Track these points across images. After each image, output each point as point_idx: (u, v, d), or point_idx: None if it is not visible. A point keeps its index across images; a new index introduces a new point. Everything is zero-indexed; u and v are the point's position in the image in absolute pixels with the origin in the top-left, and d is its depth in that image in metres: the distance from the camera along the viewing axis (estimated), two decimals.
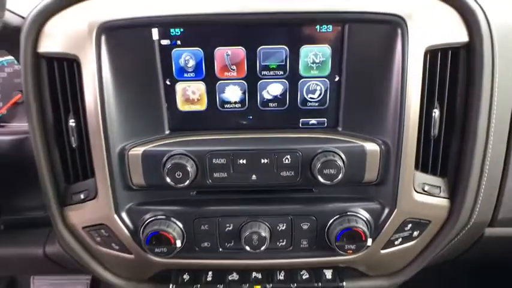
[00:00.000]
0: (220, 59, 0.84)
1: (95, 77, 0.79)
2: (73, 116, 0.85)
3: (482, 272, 1.50)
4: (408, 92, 0.79)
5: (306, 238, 0.88)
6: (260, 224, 0.86)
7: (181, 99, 0.87)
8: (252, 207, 0.87)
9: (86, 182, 0.89)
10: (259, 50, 0.83)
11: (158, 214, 0.87)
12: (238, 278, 0.96)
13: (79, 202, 0.90)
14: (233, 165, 0.84)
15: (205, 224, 0.87)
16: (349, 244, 0.85)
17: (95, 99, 0.80)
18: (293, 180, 0.84)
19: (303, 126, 0.88)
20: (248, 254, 0.87)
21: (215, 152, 0.83)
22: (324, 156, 0.81)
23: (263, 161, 0.84)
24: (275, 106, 0.87)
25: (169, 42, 0.83)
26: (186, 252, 0.88)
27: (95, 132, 0.82)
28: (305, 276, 0.96)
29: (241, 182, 0.85)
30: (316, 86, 0.86)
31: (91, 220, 0.90)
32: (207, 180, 0.84)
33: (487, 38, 0.80)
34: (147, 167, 0.84)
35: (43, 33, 0.83)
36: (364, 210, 0.86)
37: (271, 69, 0.84)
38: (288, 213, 0.87)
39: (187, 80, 0.85)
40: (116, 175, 0.84)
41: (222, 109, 0.87)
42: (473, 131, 0.84)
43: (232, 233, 0.87)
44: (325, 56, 0.83)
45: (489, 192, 0.89)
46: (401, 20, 0.77)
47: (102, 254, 0.95)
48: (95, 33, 0.78)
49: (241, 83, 0.85)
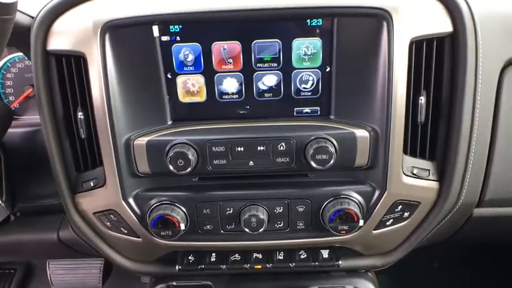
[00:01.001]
0: (217, 53, 0.89)
1: (100, 73, 0.85)
2: (81, 109, 0.90)
3: (473, 253, 1.55)
4: (394, 81, 0.83)
5: (302, 220, 0.94)
6: (258, 207, 0.92)
7: (182, 91, 0.92)
8: (250, 191, 0.93)
9: (95, 171, 0.95)
10: (253, 43, 0.88)
11: (163, 199, 0.93)
12: (240, 258, 1.02)
13: (89, 189, 0.96)
14: (231, 153, 0.89)
15: (207, 208, 0.93)
16: (342, 225, 0.90)
17: (101, 93, 0.86)
18: (288, 166, 0.90)
19: (297, 114, 0.93)
20: (248, 235, 0.93)
21: (214, 140, 0.89)
22: (317, 143, 0.86)
23: (259, 148, 0.89)
24: (270, 96, 0.92)
25: (169, 38, 0.88)
26: (190, 234, 0.95)
27: (101, 124, 0.88)
28: (303, 256, 1.02)
29: (239, 168, 0.90)
30: (308, 77, 0.90)
31: (101, 206, 0.96)
32: (207, 167, 0.90)
33: (471, 27, 0.84)
34: (152, 155, 0.90)
35: (51, 31, 0.89)
36: (356, 193, 0.92)
37: (266, 61, 0.89)
38: (284, 197, 0.92)
39: (187, 73, 0.90)
40: (122, 164, 0.90)
41: (221, 100, 0.92)
42: (458, 117, 0.88)
43: (232, 216, 0.93)
44: (316, 48, 0.88)
45: (476, 174, 0.94)
46: (387, 13, 0.81)
47: (112, 238, 1.02)
48: (100, 31, 0.83)
49: (237, 75, 0.90)
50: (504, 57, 0.92)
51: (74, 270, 1.60)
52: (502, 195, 0.97)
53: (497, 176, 0.95)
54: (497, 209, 1.00)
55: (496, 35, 0.90)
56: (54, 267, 1.64)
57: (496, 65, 0.91)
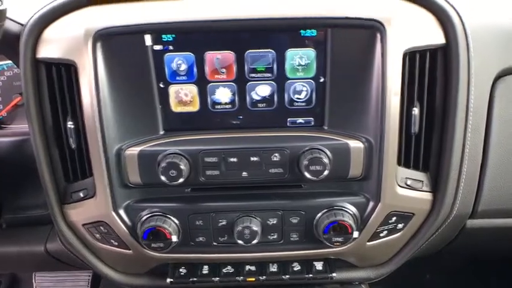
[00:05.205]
0: (210, 63, 0.88)
1: (92, 82, 0.83)
2: (71, 118, 0.89)
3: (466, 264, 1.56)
4: (388, 92, 0.83)
5: (295, 232, 0.92)
6: (252, 218, 0.90)
7: (174, 101, 0.91)
8: (243, 203, 0.92)
9: (85, 181, 0.93)
10: (247, 53, 0.87)
11: (154, 211, 0.91)
12: (233, 270, 1.00)
13: (78, 200, 0.94)
14: (225, 163, 0.88)
15: (199, 220, 0.91)
16: (336, 237, 0.89)
17: (91, 103, 0.84)
18: (281, 177, 0.89)
19: (291, 125, 0.93)
20: (241, 247, 0.91)
21: (207, 150, 0.87)
22: (310, 154, 0.86)
23: (253, 159, 0.88)
24: (264, 106, 0.91)
25: (161, 48, 0.87)
26: (182, 246, 0.93)
27: (92, 133, 0.86)
28: (296, 268, 1.00)
29: (232, 179, 0.89)
30: (302, 87, 0.90)
31: (90, 217, 0.94)
32: (200, 178, 0.88)
33: (462, 39, 0.84)
34: (143, 166, 0.88)
35: (41, 39, 0.87)
36: (350, 204, 0.91)
37: (259, 71, 0.88)
38: (278, 208, 0.91)
39: (180, 82, 0.89)
40: (113, 174, 0.88)
41: (214, 110, 0.91)
42: (451, 128, 0.88)
43: (225, 227, 0.92)
44: (309, 58, 0.87)
45: (469, 185, 0.94)
46: (380, 25, 0.81)
47: (101, 250, 1.00)
48: (91, 39, 0.82)
49: (230, 85, 0.90)
50: (496, 69, 0.92)
51: (61, 283, 1.57)
52: (494, 206, 0.97)
53: (490, 187, 0.95)
54: (491, 220, 1.00)
55: (488, 46, 0.91)
56: (40, 279, 1.61)
57: (488, 77, 0.92)
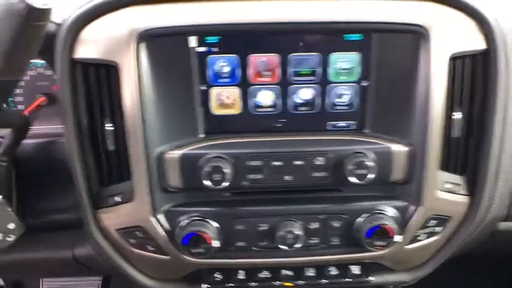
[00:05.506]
0: (253, 65, 0.87)
1: (135, 83, 0.82)
2: (110, 120, 0.87)
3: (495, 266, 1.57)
4: (433, 96, 0.83)
5: (336, 236, 0.92)
6: (294, 223, 0.89)
7: (215, 103, 0.90)
8: (285, 206, 0.91)
9: (121, 185, 0.91)
10: (290, 56, 0.87)
11: (195, 215, 0.89)
12: (271, 275, 0.99)
13: (113, 205, 0.92)
14: (268, 167, 0.87)
15: (240, 224, 0.90)
16: (378, 241, 0.89)
17: (134, 104, 0.83)
18: (325, 181, 0.88)
19: (332, 128, 0.92)
20: (281, 252, 0.90)
21: (251, 154, 0.87)
22: (355, 158, 0.85)
23: (296, 163, 0.87)
24: (306, 110, 0.91)
25: (205, 50, 0.86)
26: (221, 251, 0.91)
27: (133, 136, 0.84)
28: (333, 272, 1.00)
29: (275, 183, 0.88)
30: (345, 91, 0.90)
31: (126, 222, 0.92)
32: (243, 182, 0.87)
33: (501, 44, 0.85)
34: (185, 169, 0.86)
35: (79, 39, 0.85)
36: (391, 208, 0.91)
37: (302, 74, 0.88)
38: (320, 212, 0.91)
39: (222, 85, 0.88)
40: (153, 178, 0.87)
41: (255, 113, 0.91)
42: (489, 133, 0.89)
43: (266, 232, 0.91)
44: (353, 62, 0.88)
45: (505, 189, 0.95)
46: (424, 30, 0.82)
47: (135, 256, 0.97)
48: (135, 40, 0.81)
49: (273, 87, 0.89)
50: None
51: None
52: None
53: None
54: None
55: None
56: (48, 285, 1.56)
57: None
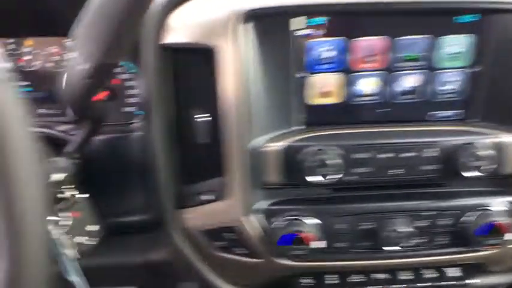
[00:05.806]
0: (357, 50, 0.80)
1: (236, 68, 0.75)
2: (202, 111, 0.79)
3: None
4: None
5: (446, 234, 0.84)
6: (401, 221, 0.82)
7: (314, 92, 0.83)
8: (390, 203, 0.83)
9: (209, 182, 0.83)
10: (397, 40, 0.80)
11: (293, 214, 0.81)
12: (367, 279, 0.91)
13: (199, 204, 0.84)
14: (375, 160, 0.80)
15: (342, 223, 0.83)
16: (492, 239, 0.82)
17: (234, 93, 0.75)
18: (434, 174, 0.81)
19: (439, 118, 0.86)
20: (386, 253, 0.83)
21: (357, 146, 0.79)
22: (468, 149, 0.79)
23: (404, 155, 0.80)
24: (411, 98, 0.84)
25: (305, 33, 0.79)
26: (319, 254, 0.84)
27: (231, 128, 0.77)
28: (430, 275, 0.92)
29: (381, 177, 0.81)
30: (454, 77, 0.83)
31: (215, 223, 0.84)
32: (351, 176, 0.80)
33: None
34: (285, 164, 0.79)
35: (168, 24, 0.78)
36: (507, 203, 0.84)
37: (408, 60, 0.82)
38: (428, 209, 0.83)
39: (321, 71, 0.81)
40: (249, 174, 0.79)
41: (357, 102, 0.84)
42: None
43: (371, 231, 0.83)
44: (464, 46, 0.81)
45: None
46: None
47: (217, 260, 0.89)
48: (238, 21, 0.74)
49: (378, 74, 0.82)
50: None
51: None
52: None
53: None
54: None
55: None
56: None
57: None
